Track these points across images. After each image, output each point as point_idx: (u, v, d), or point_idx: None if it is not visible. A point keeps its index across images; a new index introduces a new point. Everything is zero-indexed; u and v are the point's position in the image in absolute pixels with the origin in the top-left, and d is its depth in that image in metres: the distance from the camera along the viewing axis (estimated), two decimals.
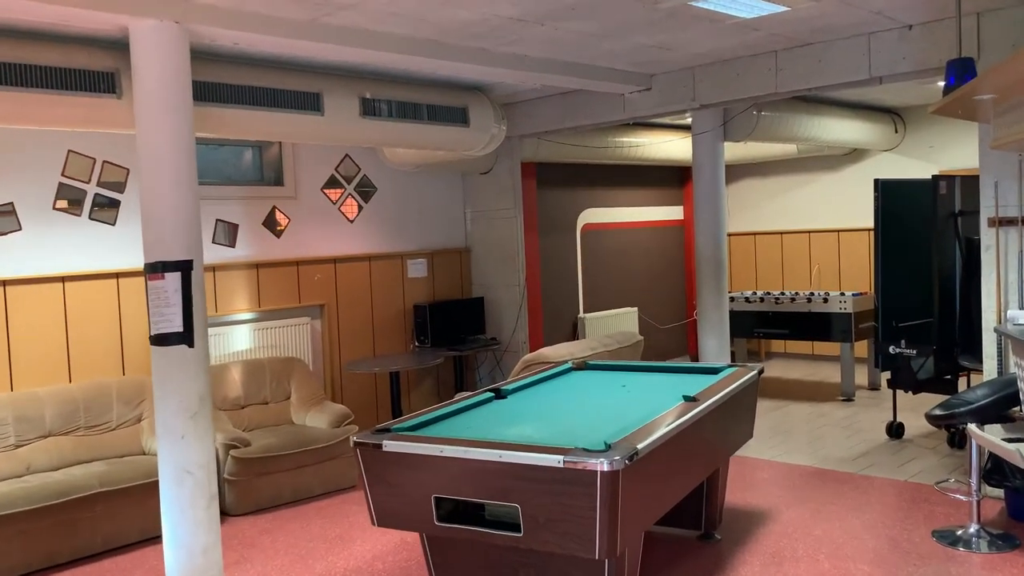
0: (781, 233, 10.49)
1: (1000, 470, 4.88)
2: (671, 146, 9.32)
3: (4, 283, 5.46)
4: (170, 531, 4.23)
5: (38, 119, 4.56)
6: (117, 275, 5.92)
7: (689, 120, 7.78)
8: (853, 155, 9.86)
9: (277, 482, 5.74)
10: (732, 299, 8.71)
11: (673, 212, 10.71)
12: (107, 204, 5.91)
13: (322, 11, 4.42)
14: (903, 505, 5.23)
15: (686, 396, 4.16)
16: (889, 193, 6.68)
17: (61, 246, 5.71)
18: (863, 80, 5.69)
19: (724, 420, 4.40)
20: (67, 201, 5.74)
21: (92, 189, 5.85)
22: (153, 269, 4.16)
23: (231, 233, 6.59)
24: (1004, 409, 4.78)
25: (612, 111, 6.98)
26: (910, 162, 9.45)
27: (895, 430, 6.76)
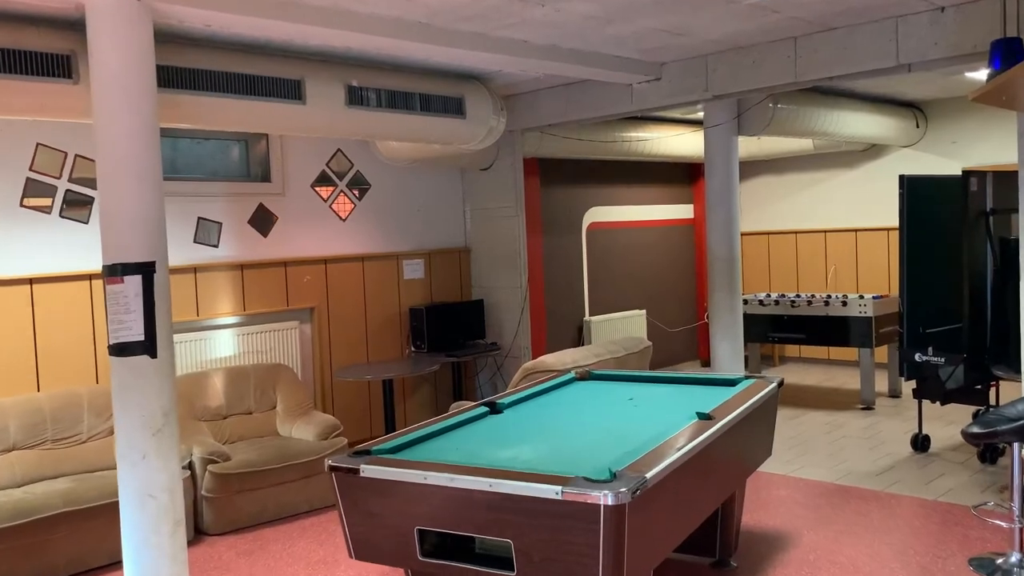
0: (796, 233, 10.07)
1: None
2: (681, 141, 8.90)
3: None
4: (131, 560, 3.84)
5: None
6: (90, 277, 5.54)
7: (701, 115, 7.37)
8: (871, 151, 9.43)
9: (258, 499, 5.35)
10: (745, 302, 8.30)
11: (683, 211, 10.30)
12: (79, 201, 5.53)
13: None
14: (934, 528, 4.81)
15: (700, 413, 3.76)
16: (915, 190, 6.26)
17: (29, 246, 5.33)
18: (890, 68, 5.27)
19: (741, 440, 4.00)
20: (36, 198, 5.37)
21: (63, 185, 5.47)
22: (111, 272, 3.77)
23: (214, 232, 6.20)
24: None
25: (619, 103, 6.57)
26: (932, 158, 9.02)
27: (921, 443, 6.34)
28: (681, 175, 10.23)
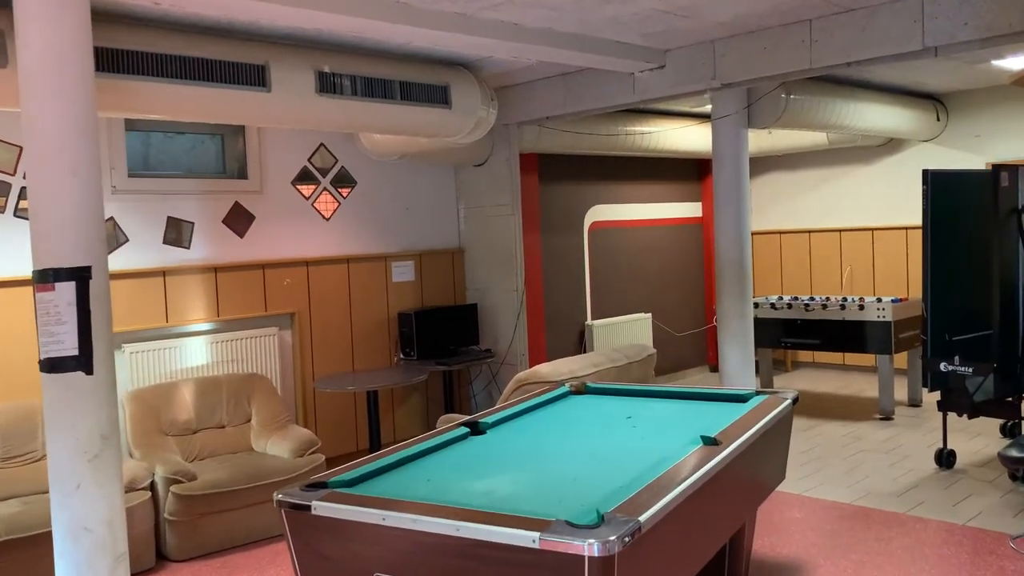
0: (809, 232, 9.60)
1: None
2: (689, 135, 8.45)
3: None
4: None
5: None
6: None
7: (709, 108, 6.92)
8: (889, 146, 8.95)
9: (227, 522, 4.94)
10: (756, 305, 7.85)
11: (691, 209, 9.84)
12: None
13: None
14: (965, 558, 4.36)
15: (705, 438, 3.32)
16: (940, 186, 5.80)
17: None
18: (915, 52, 4.81)
19: (752, 466, 3.56)
20: None
21: (18, 182, 5.06)
22: (42, 278, 3.36)
23: (186, 232, 5.79)
24: None
25: (620, 93, 6.13)
26: (953, 153, 8.54)
27: (945, 459, 5.88)
28: (689, 171, 9.77)
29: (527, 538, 2.41)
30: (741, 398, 4.12)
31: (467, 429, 3.75)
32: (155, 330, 5.62)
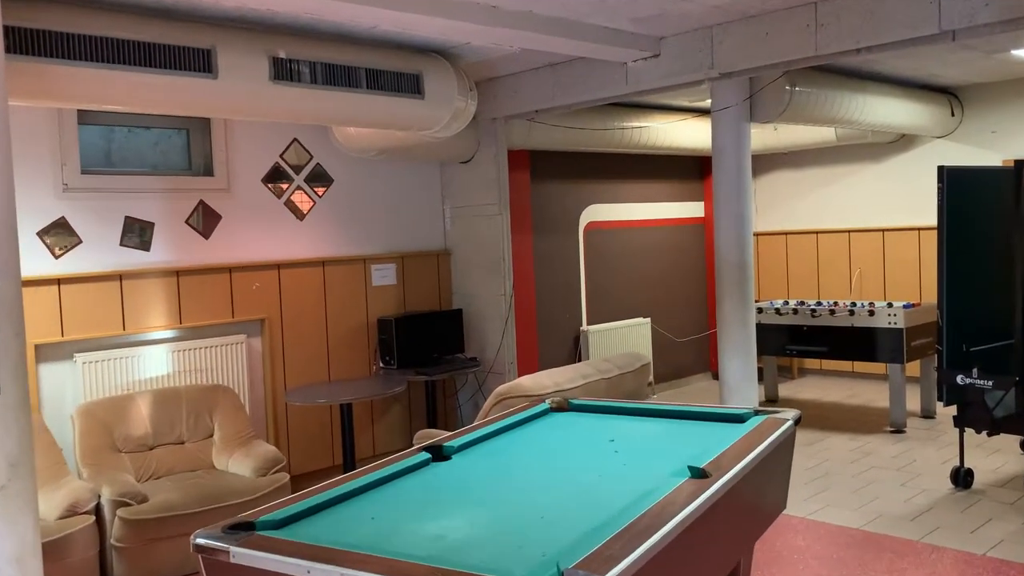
0: (817, 233, 9.16)
1: None
2: (691, 131, 8.04)
3: None
4: None
5: None
6: None
7: (710, 103, 6.50)
8: (901, 143, 8.52)
9: (180, 548, 4.53)
10: (760, 310, 7.44)
11: (693, 208, 9.42)
12: None
13: None
14: None
15: (693, 469, 2.91)
16: (957, 183, 5.38)
17: None
18: (930, 36, 4.39)
19: (748, 500, 3.15)
20: None
21: None
22: None
23: (146, 233, 5.41)
24: None
25: (612, 84, 5.72)
26: (969, 150, 8.10)
27: (962, 478, 5.45)
28: (691, 169, 9.35)
29: None
30: (737, 418, 3.70)
31: (428, 455, 3.35)
32: (111, 338, 5.24)
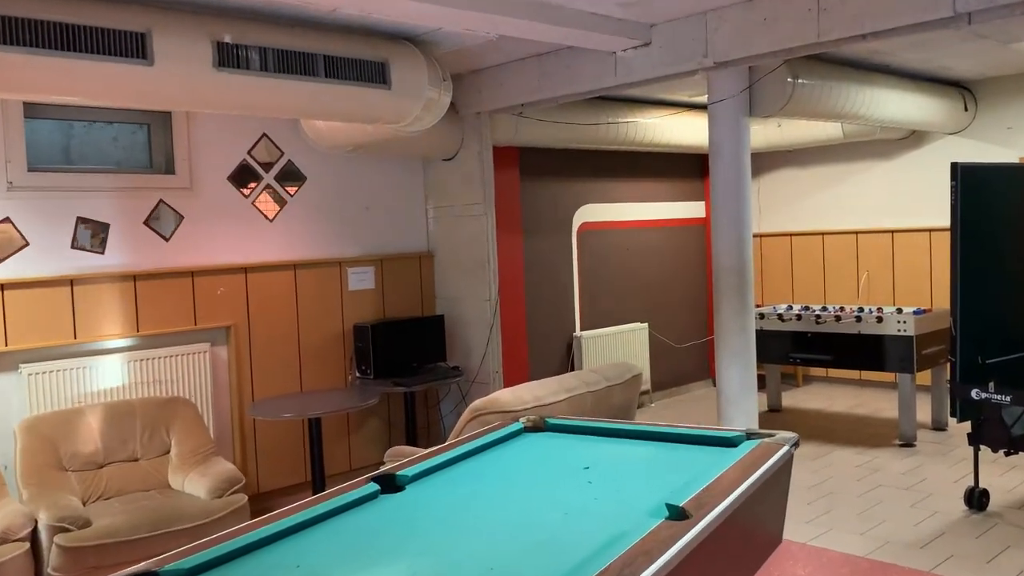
0: (822, 234, 8.76)
1: None
2: (690, 128, 7.67)
3: None
4: None
5: None
6: None
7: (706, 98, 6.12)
8: (911, 139, 8.12)
9: None
10: (762, 316, 7.05)
11: (692, 208, 9.04)
12: None
13: None
14: None
15: (672, 508, 2.53)
16: (971, 181, 4.99)
17: None
18: (944, 19, 4.01)
19: (736, 540, 2.77)
20: None
21: None
22: None
23: (100, 235, 5.05)
24: None
25: (601, 75, 5.35)
26: (983, 147, 7.69)
27: (977, 500, 5.06)
28: (690, 167, 8.96)
29: None
30: (728, 442, 3.32)
31: (376, 486, 2.98)
32: (60, 348, 4.89)
